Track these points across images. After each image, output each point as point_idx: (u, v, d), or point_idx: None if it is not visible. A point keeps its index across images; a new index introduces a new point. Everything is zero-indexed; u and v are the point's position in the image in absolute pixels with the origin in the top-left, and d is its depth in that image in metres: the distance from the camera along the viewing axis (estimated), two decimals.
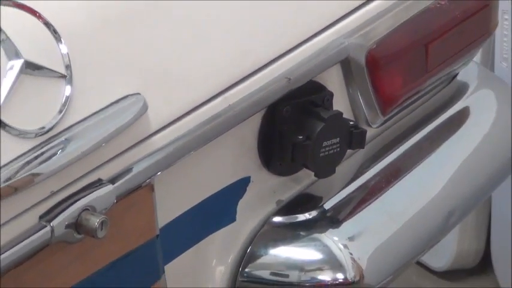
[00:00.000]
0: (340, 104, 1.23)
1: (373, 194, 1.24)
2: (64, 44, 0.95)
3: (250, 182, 1.18)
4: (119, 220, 1.00)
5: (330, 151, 1.18)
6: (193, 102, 1.06)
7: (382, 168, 1.28)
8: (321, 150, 1.17)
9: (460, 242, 2.09)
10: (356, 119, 1.26)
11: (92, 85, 0.98)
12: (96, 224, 0.95)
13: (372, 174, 1.27)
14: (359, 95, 1.24)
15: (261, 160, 1.18)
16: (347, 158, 1.24)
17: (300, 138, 1.16)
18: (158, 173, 1.03)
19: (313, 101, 1.18)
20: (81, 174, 0.97)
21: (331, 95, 1.20)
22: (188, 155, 1.06)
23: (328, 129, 1.17)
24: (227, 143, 1.13)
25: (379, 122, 1.28)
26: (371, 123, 1.27)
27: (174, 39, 1.05)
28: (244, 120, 1.11)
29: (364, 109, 1.25)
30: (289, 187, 1.22)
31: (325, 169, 1.20)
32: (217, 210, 1.15)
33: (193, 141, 1.05)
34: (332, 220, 1.19)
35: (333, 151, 1.18)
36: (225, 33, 1.09)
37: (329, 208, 1.21)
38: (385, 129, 1.33)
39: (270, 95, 1.12)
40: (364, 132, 1.21)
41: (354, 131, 1.19)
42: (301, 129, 1.16)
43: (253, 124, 1.16)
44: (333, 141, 1.17)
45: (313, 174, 1.21)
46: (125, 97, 0.99)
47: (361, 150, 1.24)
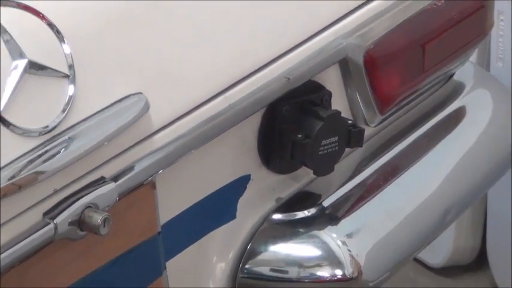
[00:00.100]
0: (338, 104, 1.23)
1: (371, 192, 1.24)
2: (67, 44, 0.96)
3: (250, 180, 1.18)
4: (121, 217, 1.00)
5: (328, 149, 1.18)
6: (194, 101, 1.06)
7: (380, 166, 1.28)
8: (319, 148, 1.17)
9: (456, 239, 2.08)
10: (354, 118, 1.26)
11: (95, 85, 0.98)
12: (99, 221, 0.95)
13: (370, 172, 1.27)
14: (357, 95, 1.24)
15: (260, 158, 1.18)
16: (345, 157, 1.24)
17: (299, 136, 1.16)
18: (160, 171, 1.03)
19: (312, 100, 1.18)
20: (84, 172, 0.97)
21: (330, 95, 1.20)
22: (189, 154, 1.06)
23: (326, 128, 1.17)
24: (227, 142, 1.13)
25: (377, 121, 1.28)
26: (369, 122, 1.28)
27: (175, 40, 1.05)
28: (244, 119, 1.11)
29: (362, 108, 1.26)
30: (289, 185, 1.23)
31: (323, 167, 1.20)
32: (217, 208, 1.15)
33: (194, 140, 1.05)
34: (331, 217, 1.20)
35: (331, 149, 1.18)
36: (226, 34, 1.09)
37: (328, 205, 1.21)
38: (383, 128, 1.33)
39: (270, 94, 1.12)
40: (362, 131, 1.21)
41: (352, 130, 1.19)
42: (301, 128, 1.16)
43: (253, 123, 1.16)
44: (331, 139, 1.18)
45: (312, 172, 1.21)
46: (127, 96, 0.99)
47: (359, 148, 1.24)
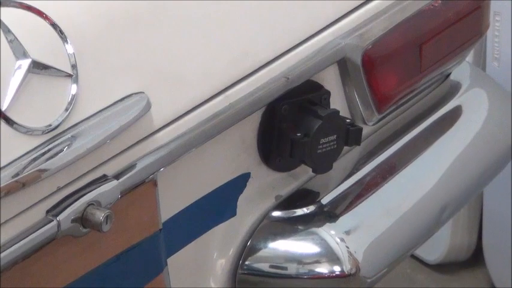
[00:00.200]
0: (337, 103, 1.23)
1: (369, 190, 1.25)
2: (70, 44, 0.96)
3: (250, 177, 1.18)
4: (123, 214, 1.00)
5: (327, 148, 1.18)
6: (195, 100, 1.06)
7: (377, 164, 1.29)
8: (318, 147, 1.17)
9: (452, 235, 2.08)
10: (352, 117, 1.27)
11: (97, 84, 0.98)
12: (101, 218, 0.96)
13: (368, 170, 1.27)
14: (355, 94, 1.25)
15: (260, 157, 1.19)
16: (344, 155, 1.24)
17: (298, 135, 1.16)
18: (161, 169, 1.04)
19: (311, 99, 1.18)
20: (86, 170, 0.98)
21: (329, 94, 1.20)
22: (190, 152, 1.06)
23: (325, 126, 1.17)
24: (228, 140, 1.13)
25: (375, 120, 1.28)
26: (367, 121, 1.28)
27: (176, 40, 1.06)
28: (244, 118, 1.12)
29: (360, 107, 1.26)
30: (288, 183, 1.23)
31: (322, 165, 1.20)
32: (218, 205, 1.15)
33: (195, 138, 1.06)
34: (329, 214, 1.20)
35: (330, 148, 1.18)
36: (226, 34, 1.10)
37: (326, 203, 1.21)
38: (381, 126, 1.33)
39: (269, 93, 1.12)
40: (360, 129, 1.21)
41: (351, 129, 1.20)
42: (300, 127, 1.17)
43: (253, 122, 1.16)
44: (330, 138, 1.18)
45: (311, 170, 1.21)
46: (128, 96, 1.00)
47: (358, 147, 1.24)
